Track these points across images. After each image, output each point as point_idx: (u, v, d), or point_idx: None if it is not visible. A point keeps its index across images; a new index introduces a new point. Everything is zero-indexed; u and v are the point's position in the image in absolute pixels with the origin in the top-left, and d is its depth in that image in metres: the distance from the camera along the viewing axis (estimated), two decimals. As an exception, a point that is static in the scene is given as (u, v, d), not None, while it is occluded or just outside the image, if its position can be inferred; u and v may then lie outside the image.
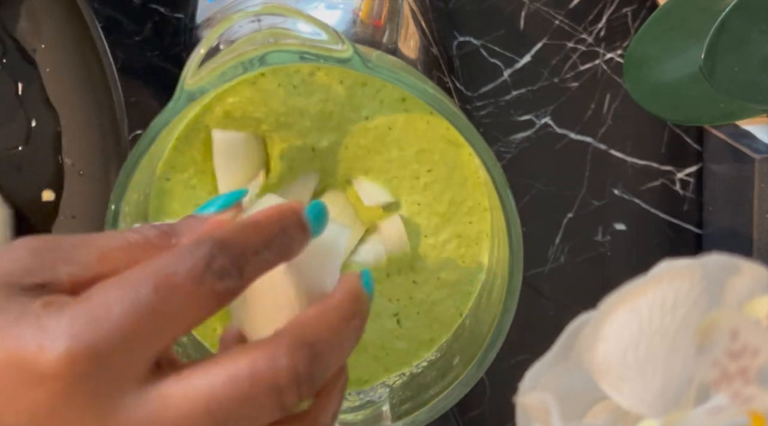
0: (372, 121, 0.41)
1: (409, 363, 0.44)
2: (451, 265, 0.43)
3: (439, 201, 0.42)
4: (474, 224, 0.43)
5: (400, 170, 0.42)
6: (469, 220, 0.43)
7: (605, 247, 0.55)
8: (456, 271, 0.43)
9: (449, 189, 0.42)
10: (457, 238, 0.43)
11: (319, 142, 0.41)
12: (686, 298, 0.26)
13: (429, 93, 0.38)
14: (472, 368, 0.40)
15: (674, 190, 0.55)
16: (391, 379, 0.44)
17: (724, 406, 0.25)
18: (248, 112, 0.41)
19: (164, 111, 0.38)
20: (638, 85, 0.44)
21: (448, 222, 0.42)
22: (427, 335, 0.44)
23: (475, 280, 0.43)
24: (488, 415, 0.56)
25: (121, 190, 0.39)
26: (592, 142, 0.55)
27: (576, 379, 0.26)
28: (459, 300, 0.43)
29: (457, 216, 0.42)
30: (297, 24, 0.38)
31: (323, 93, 0.41)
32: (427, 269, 0.43)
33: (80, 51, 0.45)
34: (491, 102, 0.54)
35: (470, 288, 0.43)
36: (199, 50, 0.37)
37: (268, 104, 0.41)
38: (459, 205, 0.42)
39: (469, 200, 0.42)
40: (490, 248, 0.43)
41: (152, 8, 0.53)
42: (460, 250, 0.43)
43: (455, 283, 0.43)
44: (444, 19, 0.53)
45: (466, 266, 0.43)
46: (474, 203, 0.42)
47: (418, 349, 0.44)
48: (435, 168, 0.42)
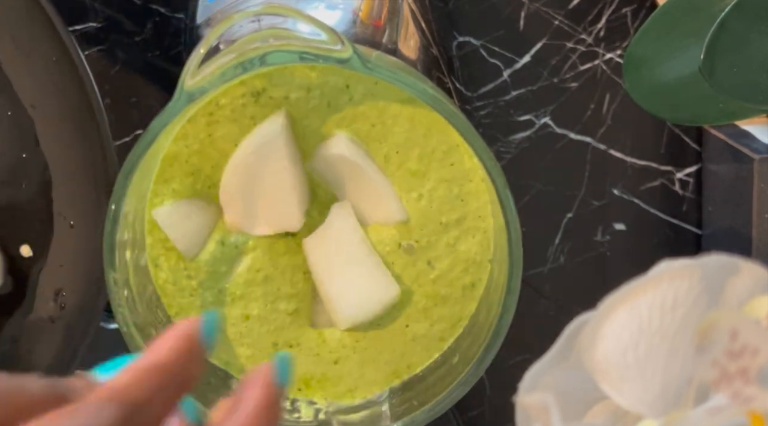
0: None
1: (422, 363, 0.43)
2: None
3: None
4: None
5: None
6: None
7: (605, 247, 0.55)
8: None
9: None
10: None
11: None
12: (686, 298, 0.26)
13: (429, 93, 0.38)
14: (472, 368, 0.40)
15: (674, 190, 0.55)
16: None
17: (724, 406, 0.25)
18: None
19: (164, 111, 0.38)
20: (638, 85, 0.44)
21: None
22: (437, 335, 0.43)
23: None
24: (488, 415, 0.56)
25: (121, 190, 0.39)
26: (591, 142, 0.55)
27: (576, 379, 0.26)
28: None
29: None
30: (297, 24, 0.38)
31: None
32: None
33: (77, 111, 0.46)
34: (491, 102, 0.54)
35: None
36: (199, 50, 0.37)
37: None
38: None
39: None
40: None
41: (152, 8, 0.53)
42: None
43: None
44: (444, 20, 0.53)
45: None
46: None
47: (428, 349, 0.43)
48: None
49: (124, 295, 0.40)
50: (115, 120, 0.51)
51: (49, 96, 0.46)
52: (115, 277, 0.40)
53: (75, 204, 0.46)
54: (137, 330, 0.40)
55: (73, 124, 0.46)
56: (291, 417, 0.43)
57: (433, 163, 0.41)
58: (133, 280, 0.41)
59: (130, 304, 0.40)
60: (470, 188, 0.42)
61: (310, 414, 0.43)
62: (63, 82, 0.45)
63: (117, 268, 0.40)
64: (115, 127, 0.46)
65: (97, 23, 0.52)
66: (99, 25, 0.52)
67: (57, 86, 0.45)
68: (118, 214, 0.39)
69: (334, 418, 0.43)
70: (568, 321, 0.26)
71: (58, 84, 0.45)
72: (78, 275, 0.47)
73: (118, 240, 0.39)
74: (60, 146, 0.46)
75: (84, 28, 0.52)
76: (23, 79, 0.46)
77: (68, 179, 0.46)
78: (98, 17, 0.52)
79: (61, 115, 0.46)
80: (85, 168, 0.46)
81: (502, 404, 0.55)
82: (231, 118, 0.40)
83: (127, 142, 0.52)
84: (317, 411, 0.43)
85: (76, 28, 0.52)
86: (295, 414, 0.43)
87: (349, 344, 0.43)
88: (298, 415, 0.43)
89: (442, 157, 0.41)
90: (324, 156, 0.41)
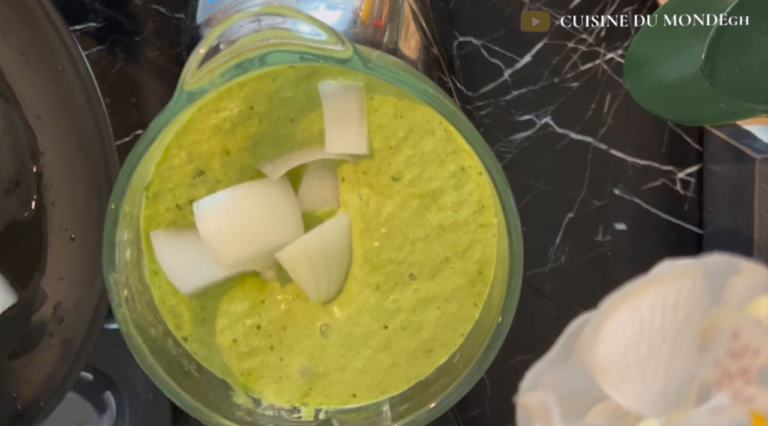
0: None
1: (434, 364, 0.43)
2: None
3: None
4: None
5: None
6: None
7: (606, 247, 0.55)
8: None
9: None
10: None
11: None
12: (687, 298, 0.26)
13: (429, 93, 0.38)
14: (472, 368, 0.40)
15: (675, 190, 0.55)
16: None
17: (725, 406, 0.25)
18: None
19: (164, 111, 0.38)
20: (638, 85, 0.44)
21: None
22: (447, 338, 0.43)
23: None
24: (488, 415, 0.56)
25: (122, 190, 0.39)
26: (592, 142, 0.55)
27: (577, 379, 0.26)
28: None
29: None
30: (297, 24, 0.38)
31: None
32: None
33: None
34: (491, 102, 0.54)
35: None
36: (198, 50, 0.37)
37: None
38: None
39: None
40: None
41: (153, 8, 0.53)
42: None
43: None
44: (444, 19, 0.53)
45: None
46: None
47: (438, 350, 0.43)
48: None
49: (123, 295, 0.40)
50: (115, 120, 0.51)
51: (54, 107, 0.45)
52: (115, 276, 0.40)
53: (76, 217, 0.46)
54: (137, 330, 0.40)
55: (77, 137, 0.45)
56: (291, 417, 0.43)
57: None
58: (133, 279, 0.41)
59: (129, 303, 0.40)
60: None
61: (310, 414, 0.43)
62: (68, 92, 0.45)
63: (117, 268, 0.40)
64: (115, 127, 0.46)
65: (97, 23, 0.52)
66: (99, 25, 0.52)
67: (62, 97, 0.45)
68: (118, 214, 0.39)
69: (334, 418, 0.43)
70: (568, 321, 0.26)
71: (64, 95, 0.45)
72: (78, 289, 0.47)
73: (118, 239, 0.39)
74: (63, 158, 0.46)
75: (84, 28, 0.52)
76: (28, 89, 0.46)
77: (70, 192, 0.46)
78: (98, 17, 0.52)
79: (65, 127, 0.45)
80: (88, 181, 0.46)
81: (503, 404, 0.55)
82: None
83: (127, 142, 0.52)
84: (317, 411, 0.43)
85: (76, 28, 0.52)
86: (295, 414, 0.43)
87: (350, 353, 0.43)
88: (299, 415, 0.43)
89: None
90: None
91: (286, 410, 0.43)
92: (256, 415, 0.42)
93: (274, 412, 0.43)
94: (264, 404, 0.43)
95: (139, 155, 0.38)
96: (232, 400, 0.42)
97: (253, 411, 0.42)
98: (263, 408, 0.43)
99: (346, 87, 0.39)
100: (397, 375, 0.43)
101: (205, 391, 0.42)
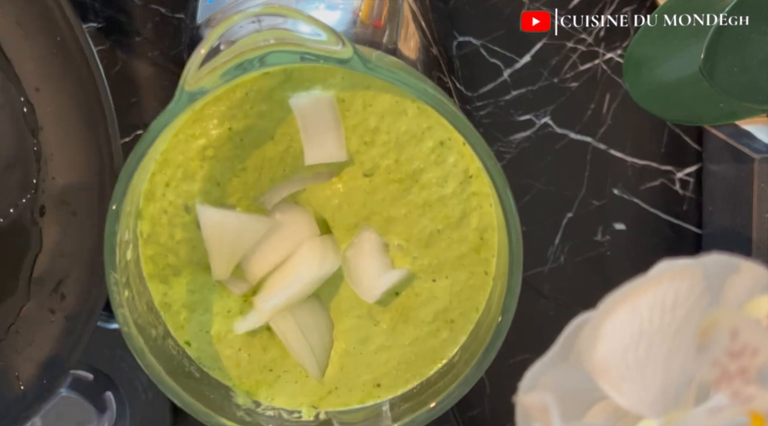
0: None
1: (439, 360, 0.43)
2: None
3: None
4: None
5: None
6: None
7: (605, 246, 0.55)
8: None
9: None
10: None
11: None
12: (686, 297, 0.26)
13: (429, 93, 0.38)
14: (471, 368, 0.40)
15: (674, 190, 0.55)
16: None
17: (724, 405, 0.25)
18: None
19: (164, 111, 0.38)
20: (638, 85, 0.44)
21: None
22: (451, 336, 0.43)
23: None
24: (488, 414, 0.56)
25: (122, 190, 0.39)
26: (591, 142, 0.55)
27: (576, 379, 0.26)
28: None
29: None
30: (297, 25, 0.38)
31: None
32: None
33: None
34: (491, 102, 0.54)
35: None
36: (199, 51, 0.37)
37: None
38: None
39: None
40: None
41: (153, 8, 0.53)
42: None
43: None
44: (444, 19, 0.53)
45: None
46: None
47: (458, 320, 0.43)
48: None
49: (124, 295, 0.40)
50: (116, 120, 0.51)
51: (53, 78, 0.45)
52: (116, 277, 0.40)
53: (78, 191, 0.45)
54: (138, 330, 0.40)
55: (78, 109, 0.44)
56: (291, 417, 0.43)
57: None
58: (134, 280, 0.41)
59: (130, 304, 0.40)
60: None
61: (310, 414, 0.43)
62: (68, 63, 0.44)
63: (118, 269, 0.40)
64: (116, 128, 0.46)
65: (97, 23, 0.52)
66: (99, 26, 0.53)
67: (62, 68, 0.44)
68: (118, 214, 0.39)
69: (334, 418, 0.43)
70: (568, 321, 0.26)
71: (63, 66, 0.44)
72: (80, 265, 0.46)
73: (119, 240, 0.39)
74: (63, 131, 0.45)
75: (84, 28, 0.52)
76: (26, 60, 0.45)
77: (71, 166, 0.45)
78: (98, 17, 0.52)
79: (65, 98, 0.44)
80: (89, 154, 0.45)
81: (502, 404, 0.55)
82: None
83: (127, 142, 0.52)
84: (318, 411, 0.43)
85: (77, 28, 0.52)
86: (295, 414, 0.43)
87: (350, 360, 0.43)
88: (299, 415, 0.43)
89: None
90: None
91: (286, 411, 0.43)
92: (257, 415, 0.42)
93: (275, 412, 0.43)
94: (264, 405, 0.43)
95: (139, 156, 0.38)
96: (232, 400, 0.42)
97: (253, 411, 0.42)
98: (263, 408, 0.43)
99: (317, 100, 0.40)
100: (404, 371, 0.43)
101: (205, 391, 0.42)
